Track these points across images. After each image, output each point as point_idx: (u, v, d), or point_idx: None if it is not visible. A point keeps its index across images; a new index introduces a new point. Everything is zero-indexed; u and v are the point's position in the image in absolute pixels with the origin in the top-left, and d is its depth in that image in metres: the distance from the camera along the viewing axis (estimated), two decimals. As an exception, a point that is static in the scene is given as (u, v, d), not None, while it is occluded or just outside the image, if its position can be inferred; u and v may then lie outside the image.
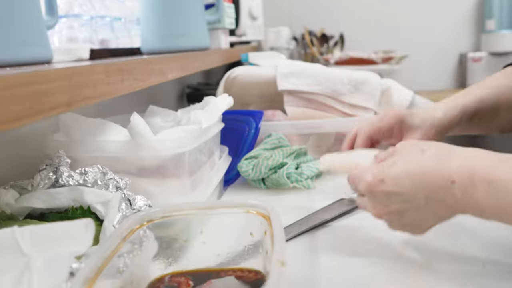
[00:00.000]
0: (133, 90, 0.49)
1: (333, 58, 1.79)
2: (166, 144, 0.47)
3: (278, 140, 0.74)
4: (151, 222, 0.37)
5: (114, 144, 0.48)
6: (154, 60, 0.57)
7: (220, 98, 0.66)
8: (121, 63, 0.46)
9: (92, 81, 0.38)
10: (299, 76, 0.91)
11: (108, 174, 0.46)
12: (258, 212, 0.36)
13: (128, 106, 0.91)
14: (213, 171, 0.60)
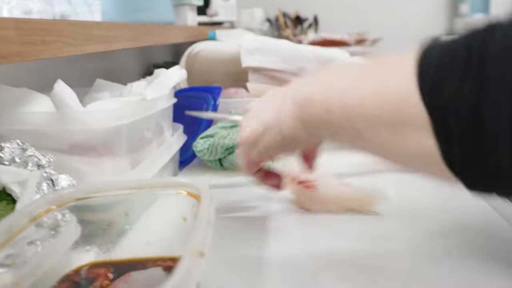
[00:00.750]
0: (62, 54, 0.43)
1: (307, 39, 1.74)
2: (97, 116, 0.41)
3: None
4: (66, 204, 0.32)
5: (38, 116, 0.42)
6: (93, 25, 0.50)
7: (172, 71, 0.60)
8: (45, 22, 0.40)
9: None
10: (265, 52, 0.86)
11: (28, 150, 0.40)
12: (189, 193, 0.31)
13: (82, 80, 0.84)
14: (161, 149, 0.55)
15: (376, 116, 0.28)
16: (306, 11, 2.08)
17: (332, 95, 0.31)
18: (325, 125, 0.32)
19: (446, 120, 0.24)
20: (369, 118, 0.28)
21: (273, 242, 0.42)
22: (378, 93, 0.28)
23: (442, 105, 0.24)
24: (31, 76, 0.64)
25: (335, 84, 0.32)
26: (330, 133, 0.33)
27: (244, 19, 1.99)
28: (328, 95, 0.32)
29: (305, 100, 0.33)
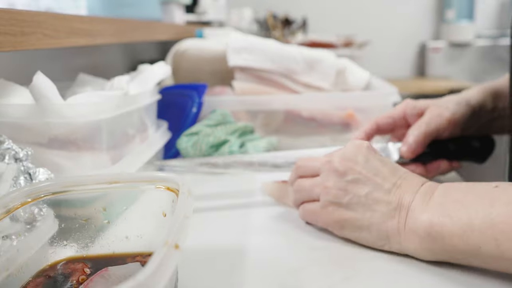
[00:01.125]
0: (42, 47, 0.42)
1: (295, 41, 1.74)
2: (77, 109, 0.41)
3: (222, 116, 0.68)
4: (43, 197, 0.31)
5: (16, 108, 0.41)
6: (75, 18, 0.50)
7: (156, 67, 0.60)
8: (24, 12, 0.39)
9: (-28, 26, 0.31)
10: (251, 52, 0.85)
11: (6, 143, 0.39)
12: (168, 187, 0.31)
13: (66, 75, 0.83)
14: (144, 145, 0.54)
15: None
16: (295, 12, 2.09)
17: (478, 234, 0.32)
18: (468, 255, 0.33)
19: None
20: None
21: (254, 236, 0.42)
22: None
23: None
24: (11, 69, 0.62)
25: (475, 223, 0.32)
26: (469, 258, 0.33)
27: (233, 19, 1.98)
28: (469, 232, 0.32)
29: (438, 234, 0.34)
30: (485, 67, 2.04)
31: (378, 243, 0.37)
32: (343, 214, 0.39)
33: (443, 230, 0.33)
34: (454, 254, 0.34)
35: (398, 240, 0.36)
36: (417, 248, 0.35)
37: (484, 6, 2.08)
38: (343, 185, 0.39)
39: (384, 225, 0.37)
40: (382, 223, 0.37)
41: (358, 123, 0.73)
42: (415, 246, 0.35)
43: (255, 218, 0.47)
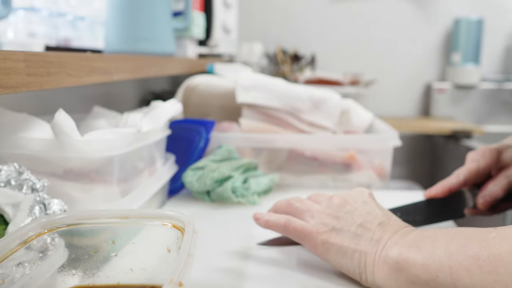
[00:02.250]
0: (65, 85, 0.45)
1: (303, 77, 1.79)
2: (93, 145, 0.44)
3: (227, 152, 0.71)
4: (57, 229, 0.34)
5: (37, 142, 0.44)
6: (95, 58, 0.53)
7: (168, 104, 0.63)
8: (51, 55, 0.43)
9: (6, 69, 0.35)
10: (259, 90, 0.89)
11: (24, 174, 0.42)
12: (174, 225, 0.33)
13: (82, 106, 0.87)
14: (152, 179, 0.57)
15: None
16: (304, 48, 2.15)
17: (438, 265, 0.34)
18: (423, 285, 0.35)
19: None
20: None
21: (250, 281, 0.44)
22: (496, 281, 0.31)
23: None
24: (32, 100, 0.66)
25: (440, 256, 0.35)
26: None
27: (243, 53, 2.04)
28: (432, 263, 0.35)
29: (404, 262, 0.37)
30: (490, 110, 2.07)
31: (356, 271, 0.40)
32: (332, 238, 0.42)
33: (409, 259, 0.36)
34: (416, 285, 0.36)
35: (372, 270, 0.39)
36: (386, 279, 0.38)
37: (490, 50, 2.12)
38: (338, 215, 0.43)
39: (364, 255, 0.40)
40: (363, 253, 0.40)
41: (359, 164, 0.76)
42: (384, 277, 0.38)
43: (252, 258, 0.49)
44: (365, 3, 2.15)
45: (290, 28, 2.21)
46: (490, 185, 0.54)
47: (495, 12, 2.09)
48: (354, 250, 0.40)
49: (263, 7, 2.21)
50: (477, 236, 0.34)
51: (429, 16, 2.14)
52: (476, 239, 0.34)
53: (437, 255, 0.35)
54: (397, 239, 0.39)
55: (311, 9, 2.19)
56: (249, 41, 2.06)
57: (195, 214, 0.63)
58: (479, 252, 0.33)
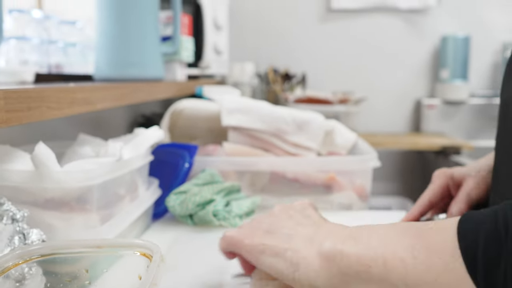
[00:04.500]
0: (45, 118, 0.48)
1: (293, 96, 1.82)
2: (72, 176, 0.46)
3: (210, 175, 0.73)
4: (31, 260, 0.35)
5: (18, 173, 0.46)
6: (77, 89, 0.56)
7: (151, 131, 0.65)
8: (31, 90, 0.45)
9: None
10: (244, 112, 0.91)
11: (5, 205, 0.44)
12: (143, 254, 0.35)
13: (72, 130, 0.89)
14: (134, 204, 0.59)
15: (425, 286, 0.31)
16: (295, 68, 2.18)
17: (372, 255, 0.34)
18: (360, 280, 0.35)
19: None
20: (417, 284, 0.32)
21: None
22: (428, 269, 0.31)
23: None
24: (19, 127, 0.68)
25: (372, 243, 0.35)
26: (363, 285, 0.35)
27: (235, 73, 2.07)
28: (366, 253, 0.35)
29: (338, 253, 0.36)
30: (479, 125, 2.10)
31: (289, 269, 0.38)
32: (265, 240, 0.41)
33: (343, 250, 0.36)
34: (348, 276, 0.35)
35: (304, 266, 0.38)
36: (317, 271, 0.37)
37: (478, 67, 2.16)
38: (274, 220, 0.43)
39: (296, 253, 0.38)
40: (295, 250, 0.39)
41: (339, 185, 0.78)
42: (316, 270, 0.37)
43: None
44: (354, 23, 2.20)
45: (281, 48, 2.25)
46: (454, 204, 0.58)
47: (482, 29, 2.14)
48: (287, 249, 0.39)
49: (254, 27, 2.26)
50: (414, 227, 0.35)
51: (417, 34, 2.18)
52: (412, 230, 0.34)
53: (372, 246, 0.35)
54: (332, 234, 0.39)
55: (302, 28, 2.23)
56: (241, 61, 2.09)
57: (177, 238, 0.64)
58: (414, 242, 0.33)
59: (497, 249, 0.28)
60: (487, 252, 0.29)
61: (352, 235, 0.37)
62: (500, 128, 0.49)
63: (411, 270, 0.32)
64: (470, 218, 0.31)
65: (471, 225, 0.31)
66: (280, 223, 0.42)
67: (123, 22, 1.01)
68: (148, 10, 1.03)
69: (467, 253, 0.30)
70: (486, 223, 0.30)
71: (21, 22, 1.00)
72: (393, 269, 0.33)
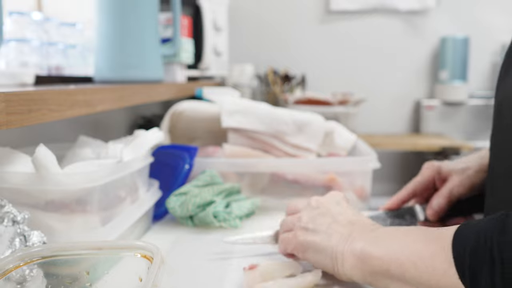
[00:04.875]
0: (46, 121, 0.48)
1: (293, 97, 1.82)
2: (72, 178, 0.46)
3: (210, 177, 0.73)
4: (32, 262, 0.36)
5: (18, 175, 0.46)
6: (77, 91, 0.56)
7: (150, 133, 0.65)
8: (32, 92, 0.45)
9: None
10: (244, 114, 0.91)
11: (6, 207, 0.44)
12: (144, 255, 0.35)
13: (72, 132, 0.89)
14: (134, 206, 0.59)
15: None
16: (294, 69, 2.19)
17: (393, 259, 0.40)
18: (383, 278, 0.41)
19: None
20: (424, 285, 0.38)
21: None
22: (432, 275, 0.37)
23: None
24: (20, 128, 0.68)
25: (394, 248, 0.41)
26: (386, 282, 0.41)
27: (234, 74, 2.08)
28: (388, 257, 0.41)
29: (366, 255, 0.42)
30: (478, 125, 2.10)
31: (329, 264, 0.45)
32: (308, 237, 0.47)
33: (370, 252, 0.42)
34: (377, 275, 0.41)
35: (341, 261, 0.44)
36: (353, 268, 0.43)
37: (477, 68, 2.17)
38: (313, 215, 0.49)
39: (335, 249, 0.45)
40: (334, 246, 0.45)
41: (339, 186, 0.78)
42: (352, 267, 0.43)
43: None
44: (353, 24, 2.20)
45: (281, 49, 2.26)
46: (435, 197, 0.63)
47: (480, 30, 2.14)
48: (327, 246, 0.45)
49: (253, 29, 2.26)
50: (425, 234, 0.40)
51: (417, 35, 2.19)
52: (423, 236, 0.40)
53: (391, 250, 0.41)
54: (363, 235, 0.44)
55: (301, 30, 2.24)
56: (240, 62, 2.10)
57: (177, 239, 0.64)
58: (423, 248, 0.39)
59: (478, 263, 0.34)
60: (471, 265, 0.35)
61: (377, 239, 0.43)
62: (496, 127, 0.50)
63: (420, 272, 0.38)
64: (463, 231, 0.37)
65: (461, 239, 0.36)
66: (319, 220, 0.48)
67: (122, 24, 1.01)
68: (148, 12, 1.03)
69: (457, 264, 0.36)
70: (472, 240, 0.35)
71: (21, 24, 1.00)
72: (407, 270, 0.39)
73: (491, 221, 0.35)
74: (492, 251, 0.33)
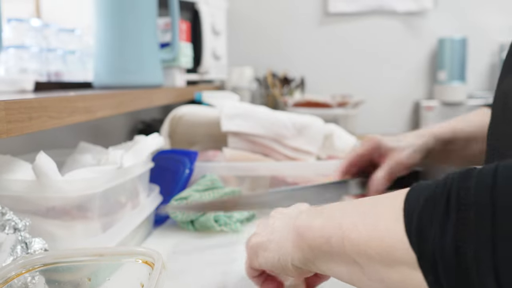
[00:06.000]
0: (46, 128, 0.48)
1: (292, 100, 1.82)
2: (73, 185, 0.46)
3: (211, 181, 0.73)
4: (34, 269, 0.36)
5: (19, 183, 0.46)
6: (78, 98, 0.56)
7: (150, 138, 0.65)
8: (33, 100, 0.45)
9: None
10: (244, 118, 0.92)
11: (7, 215, 0.44)
12: (145, 261, 0.35)
13: (72, 138, 0.89)
14: (135, 211, 0.59)
15: (372, 252, 0.32)
16: (294, 71, 2.19)
17: (332, 226, 0.35)
18: (323, 253, 0.35)
19: (433, 261, 0.28)
20: (367, 253, 0.32)
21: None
22: (374, 233, 0.32)
23: (428, 248, 0.28)
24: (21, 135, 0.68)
25: (335, 216, 0.35)
26: (327, 260, 0.35)
27: (234, 77, 2.08)
28: (328, 224, 0.35)
29: (306, 227, 0.37)
30: (478, 126, 2.10)
31: (275, 257, 0.39)
32: (256, 240, 0.42)
33: (311, 224, 0.36)
34: (315, 250, 0.35)
35: (285, 247, 0.39)
36: (292, 248, 0.38)
37: (475, 68, 2.17)
38: (264, 222, 0.44)
39: (278, 239, 0.40)
40: (278, 237, 0.40)
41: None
42: (292, 245, 0.38)
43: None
44: (351, 26, 2.21)
45: (279, 52, 2.26)
46: (375, 176, 0.63)
47: (478, 31, 2.15)
48: (271, 241, 0.41)
49: (252, 32, 2.27)
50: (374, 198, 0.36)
51: (415, 37, 2.19)
52: (371, 200, 0.35)
53: (332, 217, 0.35)
54: (308, 212, 0.40)
55: (299, 32, 2.24)
56: (239, 65, 2.10)
57: (178, 244, 0.64)
58: (368, 209, 0.34)
59: (431, 210, 0.29)
60: (422, 213, 0.29)
61: (322, 211, 0.37)
62: (497, 119, 0.49)
63: (361, 236, 0.32)
64: (419, 185, 0.32)
65: (416, 192, 0.31)
66: (266, 223, 0.43)
67: (121, 29, 1.01)
68: (146, 17, 1.04)
69: (407, 215, 0.30)
70: (429, 188, 0.30)
71: (20, 30, 1.00)
72: (348, 236, 0.33)
73: (455, 173, 0.30)
74: (450, 197, 0.28)
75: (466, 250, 0.26)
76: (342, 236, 0.33)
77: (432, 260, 0.28)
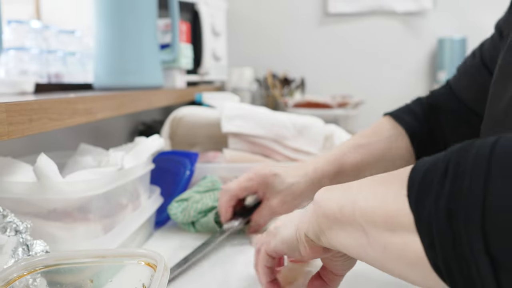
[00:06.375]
0: (47, 130, 0.48)
1: (292, 101, 1.82)
2: (74, 186, 0.46)
3: (211, 182, 0.73)
4: (35, 271, 0.36)
5: (20, 185, 0.46)
6: (78, 100, 0.56)
7: (151, 140, 0.65)
8: (33, 102, 0.45)
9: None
10: (244, 119, 0.92)
11: (8, 217, 0.44)
12: (147, 263, 0.35)
13: (73, 140, 0.89)
14: (136, 213, 0.59)
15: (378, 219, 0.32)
16: (294, 72, 2.19)
17: (347, 197, 0.36)
18: (335, 222, 0.36)
19: (428, 224, 0.29)
20: (373, 219, 0.33)
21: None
22: (381, 201, 0.33)
23: (425, 212, 0.29)
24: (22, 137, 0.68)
25: (353, 189, 0.36)
26: (337, 230, 0.36)
27: (234, 78, 2.08)
28: (345, 194, 0.36)
29: (325, 198, 0.38)
30: (478, 126, 2.10)
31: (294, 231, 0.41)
32: (277, 224, 0.44)
33: (330, 196, 0.37)
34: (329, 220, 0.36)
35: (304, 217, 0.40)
36: (311, 216, 0.38)
37: (475, 68, 2.17)
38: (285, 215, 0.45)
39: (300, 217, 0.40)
40: (300, 217, 0.41)
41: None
42: (310, 214, 0.39)
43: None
44: (351, 26, 2.21)
45: (279, 53, 2.26)
46: (255, 217, 0.64)
47: (478, 31, 2.14)
48: (292, 220, 0.42)
49: (252, 33, 2.27)
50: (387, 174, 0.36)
51: (414, 37, 2.19)
52: (383, 175, 0.36)
53: (352, 187, 0.36)
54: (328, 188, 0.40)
55: (299, 33, 2.24)
56: (239, 66, 2.10)
57: (179, 245, 0.64)
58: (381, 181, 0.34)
59: (431, 177, 0.29)
60: (422, 179, 0.30)
61: (342, 185, 0.38)
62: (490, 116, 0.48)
63: (369, 205, 0.33)
64: (427, 157, 0.32)
65: (422, 162, 0.32)
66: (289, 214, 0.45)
67: (121, 31, 1.01)
68: (146, 18, 1.04)
69: (410, 183, 0.31)
70: (433, 158, 0.31)
71: (20, 32, 1.00)
72: (358, 204, 0.34)
73: (458, 145, 0.30)
74: (448, 165, 0.29)
75: (457, 215, 0.27)
76: (353, 204, 0.34)
77: (427, 222, 0.29)
